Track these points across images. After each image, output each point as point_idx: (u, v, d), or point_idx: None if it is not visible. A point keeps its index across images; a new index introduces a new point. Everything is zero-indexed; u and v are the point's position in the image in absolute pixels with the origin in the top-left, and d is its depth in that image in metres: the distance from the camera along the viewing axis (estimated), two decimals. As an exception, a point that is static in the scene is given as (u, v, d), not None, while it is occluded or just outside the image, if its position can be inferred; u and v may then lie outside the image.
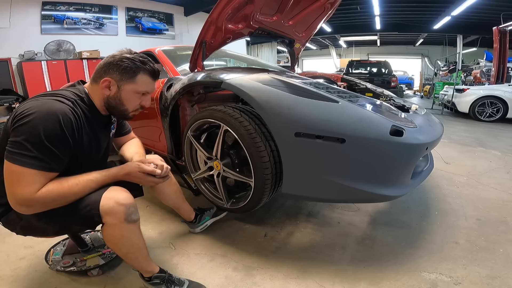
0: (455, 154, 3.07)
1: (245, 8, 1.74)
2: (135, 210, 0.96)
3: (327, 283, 1.18)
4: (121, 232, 0.94)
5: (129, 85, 0.99)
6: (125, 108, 1.02)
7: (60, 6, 6.09)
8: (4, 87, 5.06)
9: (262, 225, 1.63)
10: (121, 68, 0.96)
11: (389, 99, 1.92)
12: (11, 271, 1.25)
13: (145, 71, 1.00)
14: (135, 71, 0.98)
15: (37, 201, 0.83)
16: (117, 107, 1.01)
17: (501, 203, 1.90)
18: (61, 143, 0.85)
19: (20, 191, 0.81)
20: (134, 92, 1.00)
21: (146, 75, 1.01)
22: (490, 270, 1.24)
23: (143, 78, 1.00)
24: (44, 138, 0.80)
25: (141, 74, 1.00)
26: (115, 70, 0.96)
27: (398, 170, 1.28)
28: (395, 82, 8.30)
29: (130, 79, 0.98)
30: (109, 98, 0.99)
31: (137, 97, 1.03)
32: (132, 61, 0.97)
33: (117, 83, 0.98)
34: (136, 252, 1.01)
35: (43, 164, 0.82)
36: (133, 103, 1.03)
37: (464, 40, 11.72)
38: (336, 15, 7.81)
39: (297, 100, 1.24)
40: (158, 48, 2.25)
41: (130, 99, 1.01)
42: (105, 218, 0.91)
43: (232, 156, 1.47)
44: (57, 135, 0.83)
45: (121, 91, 0.99)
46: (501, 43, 6.96)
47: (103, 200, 0.91)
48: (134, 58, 0.98)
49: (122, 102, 1.01)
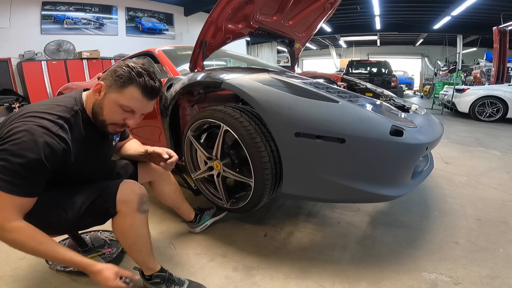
0: (455, 154, 3.07)
1: (245, 8, 1.74)
2: (146, 200, 1.02)
3: (327, 283, 1.18)
4: (131, 221, 0.98)
5: (114, 94, 0.90)
6: (103, 119, 0.93)
7: (60, 6, 6.09)
8: (4, 87, 5.07)
9: (262, 225, 1.63)
10: (116, 75, 0.89)
11: (389, 99, 1.92)
12: (11, 271, 1.25)
13: (137, 85, 0.89)
14: (125, 81, 0.89)
15: (9, 230, 0.78)
16: (97, 114, 0.93)
17: (501, 203, 1.90)
18: (38, 172, 0.81)
19: None
20: (116, 103, 0.90)
21: (136, 89, 0.89)
22: (490, 270, 1.24)
23: (132, 91, 0.89)
24: (21, 167, 0.77)
25: (132, 87, 0.89)
26: (111, 75, 0.90)
27: (398, 170, 1.28)
28: (395, 82, 8.30)
29: (118, 88, 0.89)
30: (95, 103, 0.93)
31: (119, 111, 0.92)
32: (128, 70, 0.89)
33: (106, 89, 0.91)
34: (141, 244, 1.03)
35: (16, 188, 0.78)
36: (113, 116, 0.93)
37: (464, 40, 11.73)
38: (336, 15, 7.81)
39: (297, 100, 1.24)
40: (158, 48, 2.25)
41: (110, 109, 0.91)
42: (120, 206, 0.96)
43: (232, 156, 1.47)
44: (36, 165, 0.79)
45: (105, 98, 0.91)
46: (501, 43, 6.96)
47: (120, 190, 0.96)
48: (133, 67, 0.89)
49: (102, 111, 0.92)
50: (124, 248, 1.10)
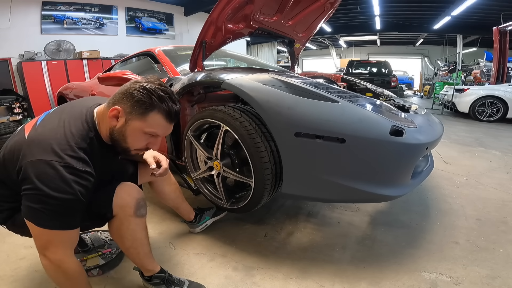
0: (455, 154, 3.07)
1: (245, 8, 1.74)
2: (144, 204, 1.02)
3: (327, 283, 1.18)
4: (128, 225, 0.98)
5: (137, 121, 0.85)
6: (127, 146, 0.90)
7: (60, 6, 6.08)
8: (4, 87, 5.06)
9: (262, 225, 1.63)
10: (134, 100, 0.84)
11: (389, 99, 1.92)
12: (11, 271, 1.25)
13: (160, 110, 0.86)
14: (147, 107, 0.84)
15: (64, 268, 0.84)
16: (119, 141, 0.89)
17: (501, 203, 1.90)
18: (77, 209, 0.83)
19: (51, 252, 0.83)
20: (140, 131, 0.87)
21: (160, 115, 0.86)
22: (490, 270, 1.24)
23: (155, 118, 0.86)
24: (60, 207, 0.79)
25: (155, 112, 0.85)
26: (128, 100, 0.84)
27: (398, 170, 1.28)
28: (395, 82, 8.30)
29: (140, 115, 0.85)
30: (114, 129, 0.88)
31: (143, 137, 0.89)
32: (148, 94, 0.84)
33: (126, 115, 0.85)
34: (138, 247, 1.03)
35: (63, 224, 0.82)
36: (138, 143, 0.90)
37: (464, 40, 11.72)
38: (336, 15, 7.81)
39: (297, 100, 1.24)
40: (158, 48, 2.25)
41: (135, 137, 0.88)
42: (116, 210, 0.96)
43: (232, 156, 1.47)
44: (74, 204, 0.81)
45: (127, 125, 0.86)
46: (501, 43, 6.95)
47: (117, 194, 0.96)
48: (153, 90, 0.84)
49: (126, 139, 0.88)
50: (122, 251, 1.10)
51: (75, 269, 0.87)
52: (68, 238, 0.85)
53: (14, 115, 4.63)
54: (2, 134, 4.20)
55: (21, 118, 4.64)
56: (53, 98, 5.36)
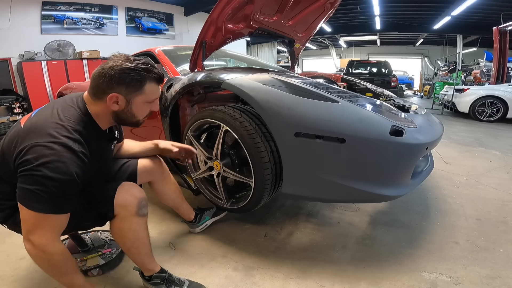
0: (455, 154, 3.07)
1: (245, 8, 1.74)
2: (146, 204, 1.02)
3: (327, 283, 1.18)
4: (129, 225, 0.99)
5: (138, 97, 0.95)
6: (137, 119, 1.01)
7: (60, 6, 6.09)
8: (4, 87, 5.06)
9: (262, 225, 1.63)
10: (127, 81, 0.91)
11: (389, 99, 1.92)
12: (11, 271, 1.25)
13: (151, 79, 0.96)
14: (141, 81, 0.93)
15: (49, 252, 0.83)
16: (128, 119, 0.99)
17: (501, 203, 1.90)
18: (73, 191, 0.84)
19: (37, 237, 0.81)
20: (143, 102, 0.97)
21: (153, 83, 0.97)
22: (490, 270, 1.24)
23: (150, 87, 0.96)
24: (56, 189, 0.79)
25: (148, 83, 0.95)
26: (120, 84, 0.90)
27: (398, 170, 1.28)
28: (395, 82, 8.30)
29: (138, 91, 0.94)
30: (119, 112, 0.95)
31: (147, 106, 1.00)
32: (136, 72, 0.91)
33: (125, 97, 0.93)
34: (139, 247, 1.03)
35: (53, 208, 0.81)
36: (144, 112, 1.01)
37: (464, 40, 11.71)
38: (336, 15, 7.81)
39: (297, 100, 1.24)
40: (158, 48, 2.25)
41: (141, 109, 0.99)
42: (118, 209, 0.96)
43: (232, 156, 1.47)
44: (70, 185, 0.82)
45: (131, 104, 0.95)
46: (501, 43, 6.95)
47: (118, 193, 0.96)
48: (137, 67, 0.92)
49: (134, 114, 0.98)
50: (123, 250, 1.10)
51: (60, 253, 0.86)
52: (57, 223, 0.84)
53: (14, 115, 4.63)
54: (2, 134, 4.20)
55: (21, 118, 4.64)
56: (53, 98, 5.36)
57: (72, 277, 0.92)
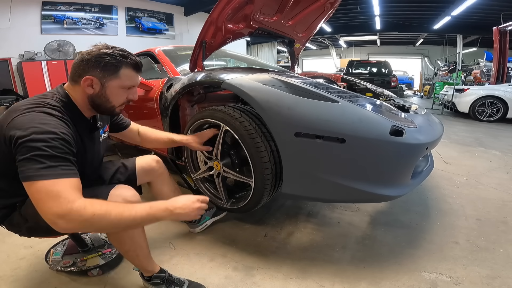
0: (455, 154, 3.07)
1: (245, 8, 1.74)
2: None
3: (327, 283, 1.18)
4: None
5: (113, 81, 0.95)
6: (112, 105, 0.99)
7: (60, 6, 6.09)
8: (4, 87, 5.07)
9: (262, 225, 1.63)
10: (102, 65, 0.91)
11: (389, 99, 1.92)
12: (11, 271, 1.25)
13: (128, 65, 0.96)
14: (117, 66, 0.93)
15: (80, 209, 0.73)
16: (102, 104, 0.97)
17: (501, 203, 1.90)
18: (68, 149, 0.81)
19: (55, 205, 0.72)
20: (119, 87, 0.97)
21: (129, 69, 0.96)
22: (490, 270, 1.24)
23: (126, 72, 0.96)
24: (50, 149, 0.76)
25: (124, 68, 0.95)
26: (96, 67, 0.91)
27: (398, 170, 1.28)
28: (395, 82, 8.30)
29: (113, 74, 0.94)
30: (93, 96, 0.95)
31: (123, 91, 0.99)
32: (112, 56, 0.92)
33: (100, 80, 0.93)
34: (137, 250, 1.02)
35: (60, 171, 0.76)
36: (120, 98, 0.99)
37: (464, 40, 11.72)
38: (336, 15, 7.81)
39: (297, 100, 1.24)
40: (158, 48, 2.25)
41: (116, 94, 0.97)
42: None
43: (232, 156, 1.47)
44: (62, 142, 0.80)
45: (106, 88, 0.94)
46: (501, 43, 6.96)
47: (110, 197, 0.92)
48: (113, 53, 0.93)
49: (108, 99, 0.96)
50: (120, 253, 1.09)
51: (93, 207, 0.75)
52: (69, 186, 0.76)
53: (14, 115, 4.63)
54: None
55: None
56: (53, 98, 5.36)
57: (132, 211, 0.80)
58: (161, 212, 0.85)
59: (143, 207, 0.82)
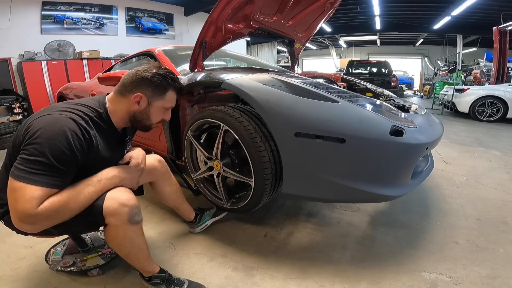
0: (455, 154, 3.07)
1: (245, 8, 1.74)
2: (138, 212, 0.97)
3: (327, 283, 1.18)
4: (123, 233, 0.95)
5: (159, 101, 1.02)
6: (151, 123, 1.06)
7: (60, 6, 6.08)
8: (4, 87, 5.06)
9: (262, 225, 1.63)
10: (154, 85, 0.99)
11: (389, 99, 1.92)
12: (11, 271, 1.25)
13: (174, 88, 1.05)
14: (166, 88, 1.02)
15: (40, 215, 0.79)
16: (142, 121, 1.04)
17: (501, 203, 1.90)
18: (68, 163, 0.84)
19: (21, 207, 0.78)
20: (161, 108, 1.05)
21: (174, 92, 1.06)
22: (490, 270, 1.24)
23: (171, 95, 1.05)
24: (51, 158, 0.80)
25: (171, 91, 1.04)
26: (148, 86, 0.99)
27: (398, 170, 1.28)
28: (395, 82, 8.29)
29: (160, 95, 1.02)
30: (137, 112, 1.01)
31: (162, 112, 1.07)
32: (164, 78, 1.00)
33: (148, 99, 1.00)
34: (137, 252, 1.02)
35: (47, 181, 0.80)
36: (158, 118, 1.07)
37: (464, 40, 11.71)
38: (336, 15, 7.81)
39: (297, 100, 1.24)
40: (158, 48, 2.25)
41: (156, 114, 1.05)
42: (108, 219, 0.92)
43: (232, 156, 1.47)
44: (65, 155, 0.82)
45: (151, 107, 1.02)
46: (501, 43, 6.95)
47: (107, 201, 0.91)
48: (166, 75, 1.01)
49: (149, 117, 1.04)
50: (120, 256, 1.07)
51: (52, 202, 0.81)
52: (45, 195, 0.81)
53: (14, 115, 4.63)
54: (2, 134, 4.19)
55: (21, 118, 4.64)
56: (53, 98, 5.36)
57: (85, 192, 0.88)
58: (110, 182, 0.95)
59: (94, 184, 0.91)
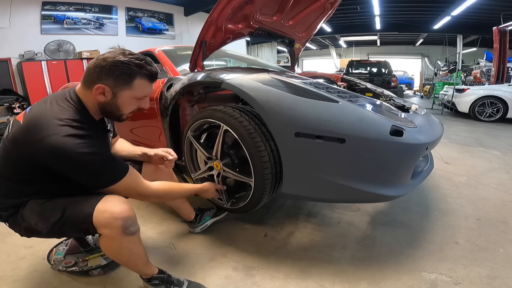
0: (455, 154, 3.07)
1: (245, 8, 1.74)
2: (133, 222, 0.92)
3: (327, 283, 1.18)
4: (119, 244, 0.92)
5: (125, 91, 0.93)
6: (121, 113, 0.99)
7: (60, 6, 6.08)
8: (4, 87, 5.06)
9: (262, 225, 1.63)
10: (115, 74, 0.89)
11: (389, 99, 1.92)
12: (11, 271, 1.25)
13: (142, 76, 0.93)
14: (131, 76, 0.91)
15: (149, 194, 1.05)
16: (112, 112, 0.97)
17: (501, 203, 1.90)
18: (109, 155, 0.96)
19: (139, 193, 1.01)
20: (131, 97, 0.95)
21: (143, 80, 0.94)
22: (490, 270, 1.24)
23: (140, 83, 0.93)
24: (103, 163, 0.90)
25: (138, 79, 0.92)
26: (109, 76, 0.89)
27: (398, 170, 1.28)
28: (395, 82, 8.30)
29: (126, 85, 0.92)
30: (104, 104, 0.94)
31: (134, 101, 0.97)
32: (127, 66, 0.89)
33: (112, 90, 0.91)
34: (136, 260, 1.01)
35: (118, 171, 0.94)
36: (131, 108, 0.99)
37: (464, 40, 11.71)
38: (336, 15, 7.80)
39: (297, 100, 1.24)
40: (158, 48, 2.25)
41: (127, 104, 0.96)
42: (101, 230, 0.89)
43: (232, 156, 1.47)
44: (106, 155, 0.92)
45: (117, 97, 0.93)
46: (501, 43, 6.95)
47: (96, 213, 0.87)
48: (129, 62, 0.89)
49: (119, 108, 0.96)
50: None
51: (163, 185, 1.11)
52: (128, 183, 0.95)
53: (14, 115, 4.63)
54: (2, 134, 4.19)
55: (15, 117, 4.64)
56: (53, 98, 5.35)
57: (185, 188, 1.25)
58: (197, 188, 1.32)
59: (189, 186, 1.31)
